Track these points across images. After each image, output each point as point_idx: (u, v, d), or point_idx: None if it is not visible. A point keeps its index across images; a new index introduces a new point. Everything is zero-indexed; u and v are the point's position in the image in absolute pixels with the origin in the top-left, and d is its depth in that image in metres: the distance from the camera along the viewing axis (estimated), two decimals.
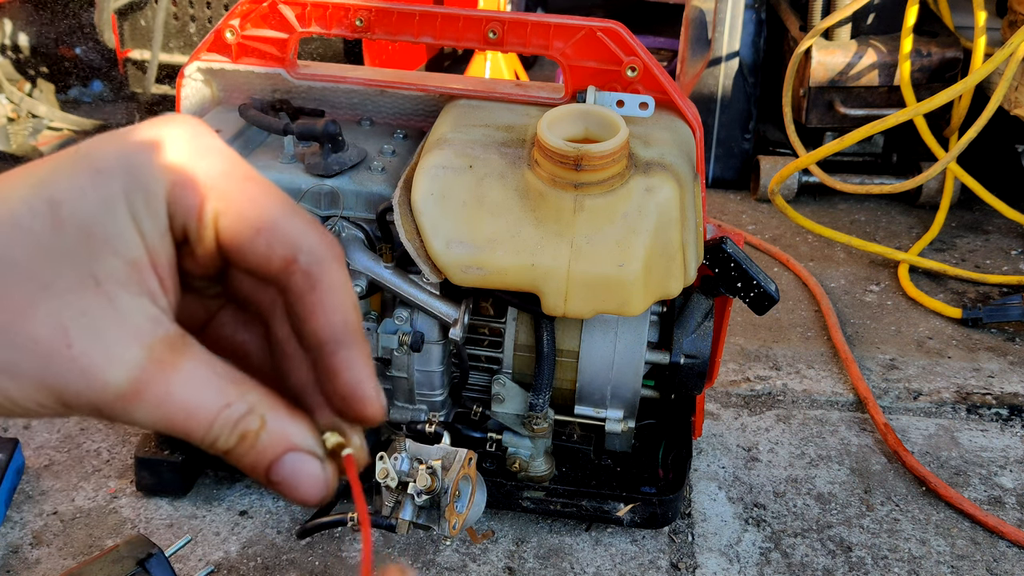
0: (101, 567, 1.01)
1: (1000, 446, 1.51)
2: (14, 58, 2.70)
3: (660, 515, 1.25)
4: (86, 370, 0.33)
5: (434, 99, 1.26)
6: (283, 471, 0.37)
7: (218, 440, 0.36)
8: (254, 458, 0.36)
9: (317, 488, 0.37)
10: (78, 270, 0.34)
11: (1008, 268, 2.03)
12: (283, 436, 0.37)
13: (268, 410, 0.36)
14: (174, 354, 0.35)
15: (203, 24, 2.29)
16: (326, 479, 0.37)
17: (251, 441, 0.36)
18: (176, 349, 0.35)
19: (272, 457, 0.36)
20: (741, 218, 2.24)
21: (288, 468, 0.37)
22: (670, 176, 1.07)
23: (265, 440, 0.36)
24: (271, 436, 0.36)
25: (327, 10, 1.19)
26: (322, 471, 0.37)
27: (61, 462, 1.41)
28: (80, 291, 0.34)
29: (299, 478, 0.37)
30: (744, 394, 1.62)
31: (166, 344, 0.35)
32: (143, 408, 0.34)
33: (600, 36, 1.15)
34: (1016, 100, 2.01)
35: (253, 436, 0.36)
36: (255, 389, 0.37)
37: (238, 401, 0.36)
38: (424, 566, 1.24)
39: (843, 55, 2.15)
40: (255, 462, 0.36)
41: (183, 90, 1.28)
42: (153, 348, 0.35)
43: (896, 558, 1.28)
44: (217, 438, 0.36)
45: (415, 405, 1.26)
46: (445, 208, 1.07)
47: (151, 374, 0.34)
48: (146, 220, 0.35)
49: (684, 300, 1.22)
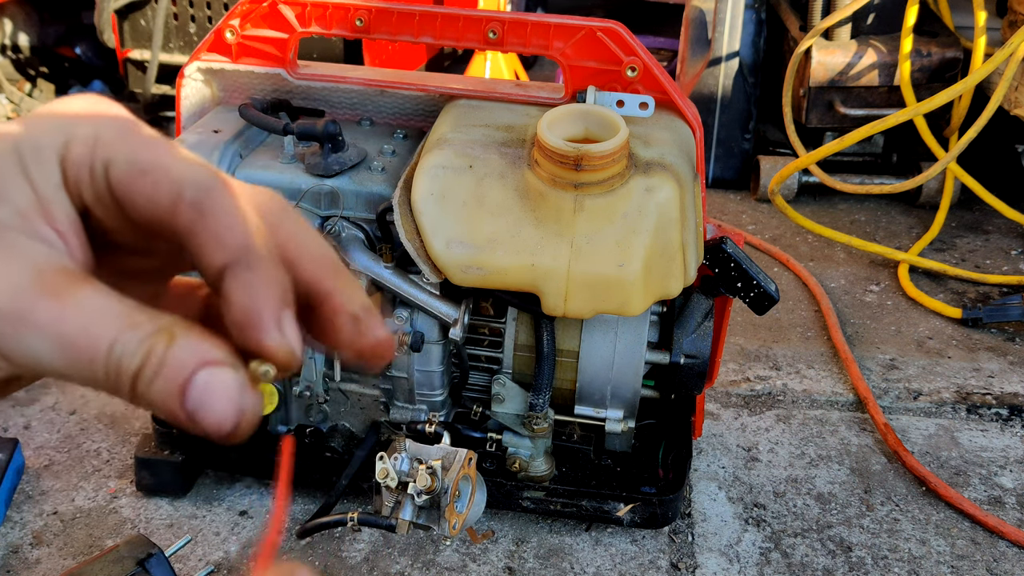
0: (101, 567, 1.02)
1: (1000, 446, 1.51)
2: (14, 58, 2.70)
3: (660, 515, 1.25)
4: None
5: (434, 99, 1.26)
6: (197, 390, 0.32)
7: (122, 362, 0.31)
8: (164, 381, 0.31)
9: (231, 404, 0.32)
10: None
11: (1008, 268, 2.03)
12: (196, 350, 0.32)
13: (180, 329, 0.32)
14: (70, 282, 0.32)
15: (203, 24, 2.29)
16: (243, 396, 0.32)
17: (159, 357, 0.31)
18: (74, 278, 0.33)
19: (184, 375, 0.31)
20: (741, 218, 2.24)
21: (201, 384, 0.32)
22: (670, 176, 1.07)
23: (175, 354, 0.32)
24: (182, 350, 0.32)
25: (327, 10, 1.19)
26: (237, 383, 0.32)
27: (61, 462, 1.41)
28: None
29: (213, 392, 0.32)
30: (744, 394, 1.62)
31: (61, 272, 0.33)
32: (34, 333, 0.31)
33: (600, 36, 1.15)
34: (1016, 100, 2.01)
35: (162, 352, 0.31)
36: (170, 316, 0.33)
37: (146, 322, 0.32)
38: (424, 566, 1.24)
39: (843, 55, 2.15)
40: (166, 386, 0.31)
41: (183, 90, 1.28)
42: (44, 274, 0.32)
43: (896, 558, 1.28)
44: (120, 359, 0.31)
45: (415, 405, 1.26)
46: (445, 208, 1.07)
47: (40, 297, 0.31)
48: (36, 172, 0.34)
49: (684, 300, 1.22)
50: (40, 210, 0.34)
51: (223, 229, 0.34)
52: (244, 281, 0.33)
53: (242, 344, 0.34)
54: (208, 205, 0.34)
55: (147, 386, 0.32)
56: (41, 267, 0.32)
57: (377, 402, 1.29)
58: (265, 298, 0.34)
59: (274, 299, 0.34)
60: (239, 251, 0.34)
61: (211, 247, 0.34)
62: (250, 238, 0.34)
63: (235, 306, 0.33)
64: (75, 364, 0.32)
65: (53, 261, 0.33)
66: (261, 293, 0.34)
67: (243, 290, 0.33)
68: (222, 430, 0.32)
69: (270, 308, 0.34)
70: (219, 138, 1.20)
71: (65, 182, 0.35)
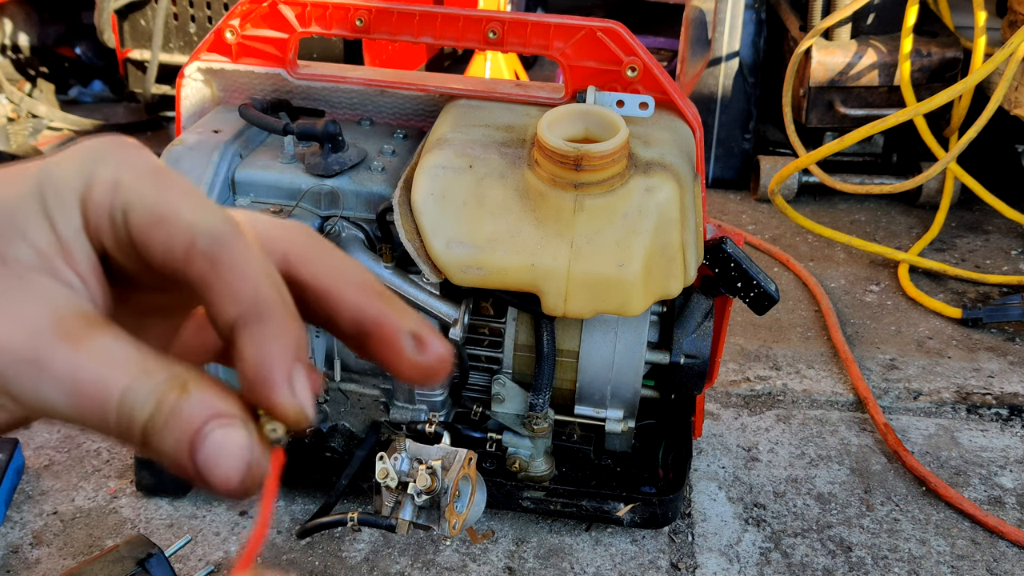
0: (101, 567, 1.01)
1: (1000, 446, 1.51)
2: (14, 58, 2.70)
3: (660, 515, 1.25)
4: None
5: (434, 99, 1.26)
6: (207, 444, 0.31)
7: (133, 411, 0.31)
8: (174, 432, 0.31)
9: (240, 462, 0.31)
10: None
11: (1008, 268, 2.03)
12: (208, 403, 0.32)
13: (193, 380, 0.32)
14: (88, 327, 0.32)
15: (203, 24, 2.29)
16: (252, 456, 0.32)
17: (170, 408, 0.31)
18: (92, 324, 0.32)
19: (195, 427, 0.31)
20: (741, 218, 2.24)
21: (211, 440, 0.31)
22: (670, 176, 1.07)
23: (186, 407, 0.31)
24: (194, 402, 0.31)
25: (327, 10, 1.19)
26: (247, 442, 0.32)
27: (61, 462, 1.41)
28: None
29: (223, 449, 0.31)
30: (744, 394, 1.62)
31: (79, 317, 0.32)
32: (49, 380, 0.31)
33: (600, 36, 1.15)
34: (1016, 100, 2.01)
35: (173, 403, 0.31)
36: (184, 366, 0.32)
37: (159, 371, 0.32)
38: (424, 566, 1.24)
39: (843, 55, 2.15)
40: (176, 438, 0.31)
41: (183, 90, 1.28)
42: (63, 319, 0.32)
43: (896, 558, 1.28)
44: (132, 408, 0.31)
45: (415, 405, 1.26)
46: (445, 208, 1.07)
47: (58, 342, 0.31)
48: (58, 215, 0.34)
49: (684, 300, 1.22)
50: (61, 253, 0.34)
51: (235, 281, 0.33)
52: (256, 336, 0.33)
53: (253, 400, 0.33)
54: (221, 256, 0.33)
55: (157, 437, 0.31)
56: (60, 310, 0.32)
57: (377, 402, 1.29)
58: (277, 354, 0.33)
59: (286, 355, 0.33)
60: (251, 304, 0.33)
61: (223, 299, 0.33)
62: (263, 290, 0.33)
63: (246, 362, 0.33)
64: (85, 411, 0.32)
65: (72, 304, 0.33)
66: (273, 348, 0.33)
67: (254, 345, 0.33)
68: (229, 487, 0.32)
69: (281, 364, 0.33)
70: (219, 138, 1.20)
71: (85, 226, 0.34)
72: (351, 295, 0.36)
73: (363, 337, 0.36)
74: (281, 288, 0.34)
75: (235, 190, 1.20)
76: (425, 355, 0.36)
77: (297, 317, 0.34)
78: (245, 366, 0.33)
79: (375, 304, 0.36)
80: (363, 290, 0.36)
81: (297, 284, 0.36)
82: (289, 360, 0.33)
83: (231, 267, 0.33)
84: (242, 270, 0.33)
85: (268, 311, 0.33)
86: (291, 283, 0.36)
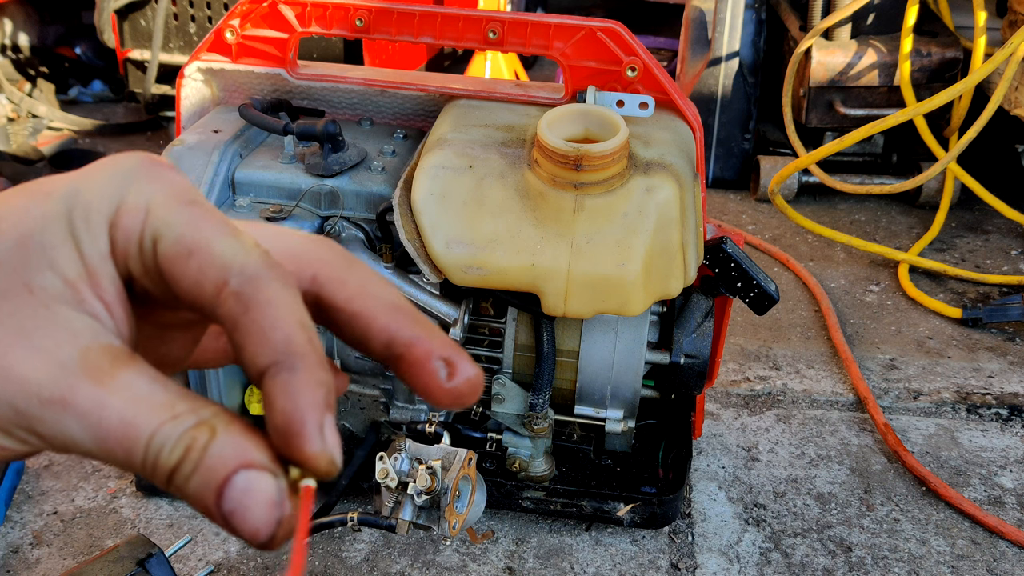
0: (101, 567, 1.01)
1: (1000, 446, 1.51)
2: (14, 58, 2.70)
3: (660, 515, 1.25)
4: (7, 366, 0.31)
5: (434, 99, 1.26)
6: (235, 492, 0.31)
7: (160, 454, 0.31)
8: (201, 477, 0.31)
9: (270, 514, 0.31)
10: (10, 277, 0.32)
11: (1008, 268, 2.04)
12: (237, 449, 0.31)
13: (222, 424, 0.31)
14: (115, 364, 0.31)
15: (203, 24, 2.29)
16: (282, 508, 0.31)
17: (198, 453, 0.31)
18: (118, 359, 0.32)
19: (223, 475, 0.31)
20: (741, 218, 2.24)
21: (240, 488, 0.31)
22: (670, 176, 1.07)
23: (215, 452, 0.31)
24: (222, 448, 0.31)
25: (327, 10, 1.19)
26: (278, 494, 0.31)
27: (61, 462, 1.41)
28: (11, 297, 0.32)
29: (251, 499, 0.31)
30: (744, 394, 1.62)
31: (106, 352, 0.32)
32: (74, 418, 0.31)
33: (600, 36, 1.15)
34: (1016, 100, 2.01)
35: (201, 448, 0.31)
36: (211, 406, 0.32)
37: (188, 414, 0.31)
38: (424, 566, 1.24)
39: (843, 55, 2.15)
40: (203, 483, 0.31)
41: (183, 90, 1.28)
42: (89, 353, 0.31)
43: (896, 558, 1.28)
44: (159, 452, 0.31)
45: (415, 405, 1.26)
46: (445, 208, 1.07)
47: (83, 379, 0.31)
48: (86, 240, 0.33)
49: (684, 300, 1.22)
50: (87, 280, 0.33)
51: (267, 325, 0.32)
52: (286, 384, 0.32)
53: (283, 450, 0.33)
54: (253, 298, 0.33)
55: (184, 481, 0.31)
56: (87, 346, 0.32)
57: (377, 402, 1.29)
58: (307, 404, 0.32)
59: (317, 405, 0.32)
60: (282, 352, 0.32)
61: (254, 344, 0.32)
62: (295, 338, 0.32)
63: (276, 411, 0.32)
64: (112, 452, 0.31)
65: (99, 339, 0.32)
66: (303, 398, 0.32)
67: (285, 394, 0.32)
68: (258, 538, 0.31)
69: (312, 415, 0.32)
70: (219, 138, 1.20)
71: (113, 251, 0.34)
72: (383, 317, 0.36)
73: (394, 360, 0.36)
74: (312, 334, 0.33)
75: (235, 190, 1.20)
76: (456, 381, 0.36)
77: (326, 365, 0.33)
78: (275, 416, 0.32)
79: (407, 327, 0.36)
80: (395, 312, 0.36)
81: (328, 306, 0.36)
82: (320, 411, 0.32)
83: (264, 312, 0.32)
84: (275, 316, 0.33)
85: (299, 360, 0.32)
86: (322, 305, 0.36)
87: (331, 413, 0.33)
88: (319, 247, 0.37)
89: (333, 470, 0.33)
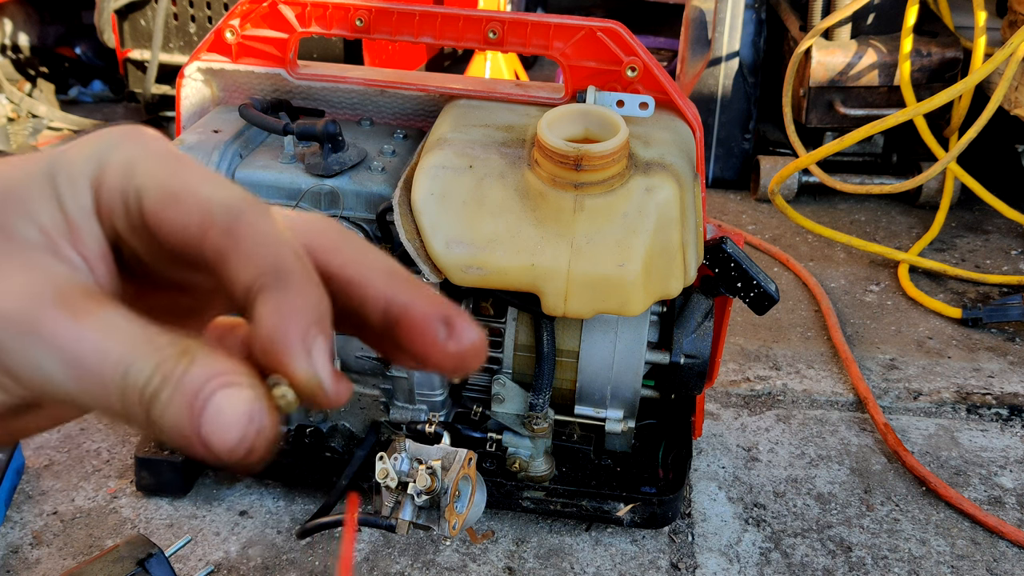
0: (101, 567, 1.01)
1: (1000, 446, 1.51)
2: (14, 58, 2.70)
3: (660, 515, 1.25)
4: None
5: (434, 99, 1.26)
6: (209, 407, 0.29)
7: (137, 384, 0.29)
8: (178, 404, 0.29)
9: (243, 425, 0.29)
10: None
11: (1008, 268, 2.03)
12: (216, 368, 0.29)
13: (202, 351, 0.30)
14: (91, 301, 0.30)
15: (203, 24, 2.29)
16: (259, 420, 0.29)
17: (177, 378, 0.29)
18: (96, 298, 0.31)
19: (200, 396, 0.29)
20: (741, 218, 2.24)
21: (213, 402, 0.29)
22: (670, 176, 1.07)
23: (193, 374, 0.29)
24: (201, 369, 0.29)
25: (327, 10, 1.19)
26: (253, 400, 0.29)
27: (61, 462, 1.41)
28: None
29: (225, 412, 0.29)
30: (744, 394, 1.62)
31: (83, 291, 0.31)
32: (47, 350, 0.29)
33: (600, 36, 1.15)
34: (1016, 100, 2.01)
35: (180, 373, 0.29)
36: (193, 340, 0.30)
37: (168, 346, 0.30)
38: (424, 566, 1.24)
39: (843, 55, 2.15)
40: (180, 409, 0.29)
41: (183, 90, 1.28)
42: (64, 290, 0.30)
43: (896, 558, 1.28)
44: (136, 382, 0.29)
45: (415, 405, 1.26)
46: (445, 208, 1.07)
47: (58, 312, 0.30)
48: (68, 195, 0.33)
49: (684, 300, 1.22)
50: (68, 234, 0.33)
51: (255, 249, 0.31)
52: (274, 301, 0.31)
53: (268, 369, 0.31)
54: (238, 226, 0.32)
55: (161, 411, 0.29)
56: (60, 285, 0.31)
57: (377, 402, 1.29)
58: (295, 320, 0.31)
59: (305, 322, 0.31)
60: (271, 270, 0.31)
61: (241, 268, 0.31)
62: (284, 256, 0.32)
63: (261, 328, 0.31)
64: (87, 387, 0.30)
65: (74, 280, 0.32)
66: (292, 314, 0.31)
67: (272, 311, 0.31)
68: (234, 453, 0.29)
69: (298, 330, 0.31)
70: (219, 138, 1.20)
71: (97, 209, 0.33)
72: (378, 283, 0.35)
73: (392, 326, 0.34)
74: (303, 257, 0.32)
75: None
76: (457, 342, 0.34)
77: (320, 285, 0.32)
78: (260, 330, 0.31)
79: (404, 291, 0.35)
80: (391, 277, 0.35)
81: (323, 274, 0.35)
82: (307, 325, 0.31)
83: (249, 236, 0.32)
84: (263, 241, 0.32)
85: (288, 275, 0.31)
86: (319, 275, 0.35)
87: (323, 336, 0.31)
88: (314, 221, 0.36)
89: (318, 390, 0.31)
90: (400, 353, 0.36)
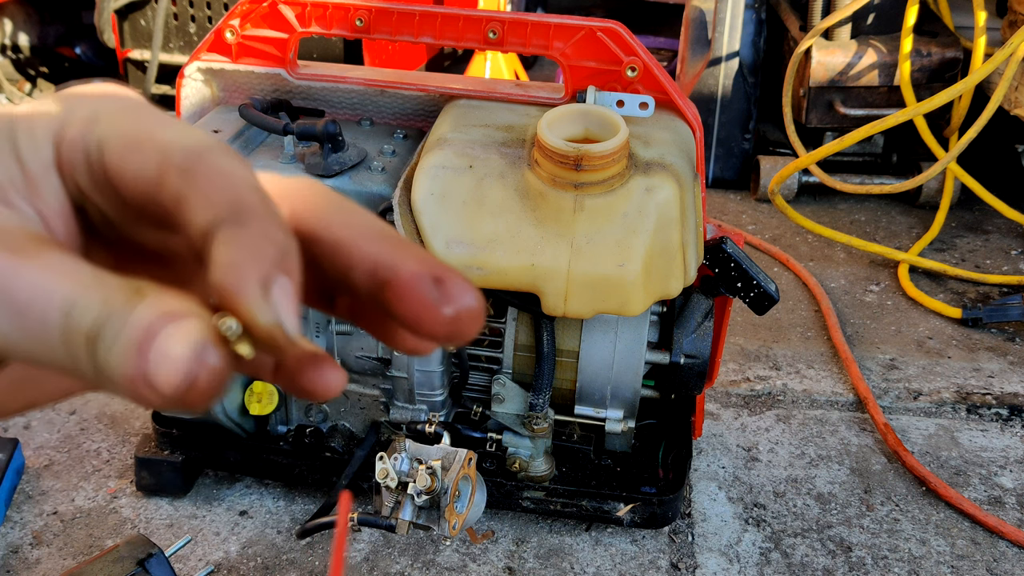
0: (101, 567, 1.02)
1: (1000, 446, 1.51)
2: (14, 58, 2.70)
3: (660, 515, 1.25)
4: None
5: (434, 99, 1.26)
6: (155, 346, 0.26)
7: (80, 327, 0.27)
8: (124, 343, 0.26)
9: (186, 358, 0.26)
10: None
11: (1008, 268, 2.03)
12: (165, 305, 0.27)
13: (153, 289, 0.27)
14: (39, 245, 0.28)
15: (203, 24, 2.29)
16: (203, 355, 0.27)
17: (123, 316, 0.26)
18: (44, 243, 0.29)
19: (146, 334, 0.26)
20: (741, 218, 2.24)
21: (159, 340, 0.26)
22: (670, 176, 1.07)
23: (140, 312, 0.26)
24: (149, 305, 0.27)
25: (327, 10, 1.19)
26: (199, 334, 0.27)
27: (61, 462, 1.41)
28: None
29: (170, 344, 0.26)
30: (744, 394, 1.62)
31: (27, 236, 0.29)
32: None
33: (600, 36, 1.15)
34: (1016, 100, 2.01)
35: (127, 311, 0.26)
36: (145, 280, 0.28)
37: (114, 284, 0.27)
38: (424, 566, 1.24)
39: (843, 55, 2.15)
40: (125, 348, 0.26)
41: (183, 90, 1.28)
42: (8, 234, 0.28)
43: (896, 558, 1.28)
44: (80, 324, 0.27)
45: (415, 405, 1.26)
46: (445, 208, 1.07)
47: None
48: (26, 147, 0.31)
49: (684, 300, 1.22)
50: (24, 187, 0.31)
51: (212, 189, 0.29)
52: (231, 238, 0.28)
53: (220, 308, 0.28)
54: (196, 168, 0.29)
55: (106, 353, 0.26)
56: (5, 227, 0.29)
57: (377, 402, 1.29)
58: (253, 257, 0.28)
59: (263, 258, 0.28)
60: (230, 207, 0.28)
61: (199, 209, 0.28)
62: (244, 195, 0.29)
63: (216, 265, 0.28)
64: (28, 331, 0.27)
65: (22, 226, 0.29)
66: (249, 251, 0.28)
67: (228, 248, 0.28)
68: (176, 390, 0.26)
69: (256, 268, 0.27)
70: (219, 138, 1.20)
71: (59, 164, 0.31)
72: (365, 244, 0.32)
73: (381, 289, 0.31)
74: (265, 194, 0.29)
75: None
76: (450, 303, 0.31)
77: (286, 228, 0.29)
78: (214, 269, 0.28)
79: (393, 251, 0.32)
80: (379, 238, 0.32)
81: (308, 238, 0.32)
82: (266, 264, 0.28)
83: (208, 177, 0.29)
84: (221, 180, 0.29)
85: (248, 214, 0.28)
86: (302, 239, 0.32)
87: (287, 276, 0.28)
88: (298, 182, 0.34)
89: (277, 333, 0.28)
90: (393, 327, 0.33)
